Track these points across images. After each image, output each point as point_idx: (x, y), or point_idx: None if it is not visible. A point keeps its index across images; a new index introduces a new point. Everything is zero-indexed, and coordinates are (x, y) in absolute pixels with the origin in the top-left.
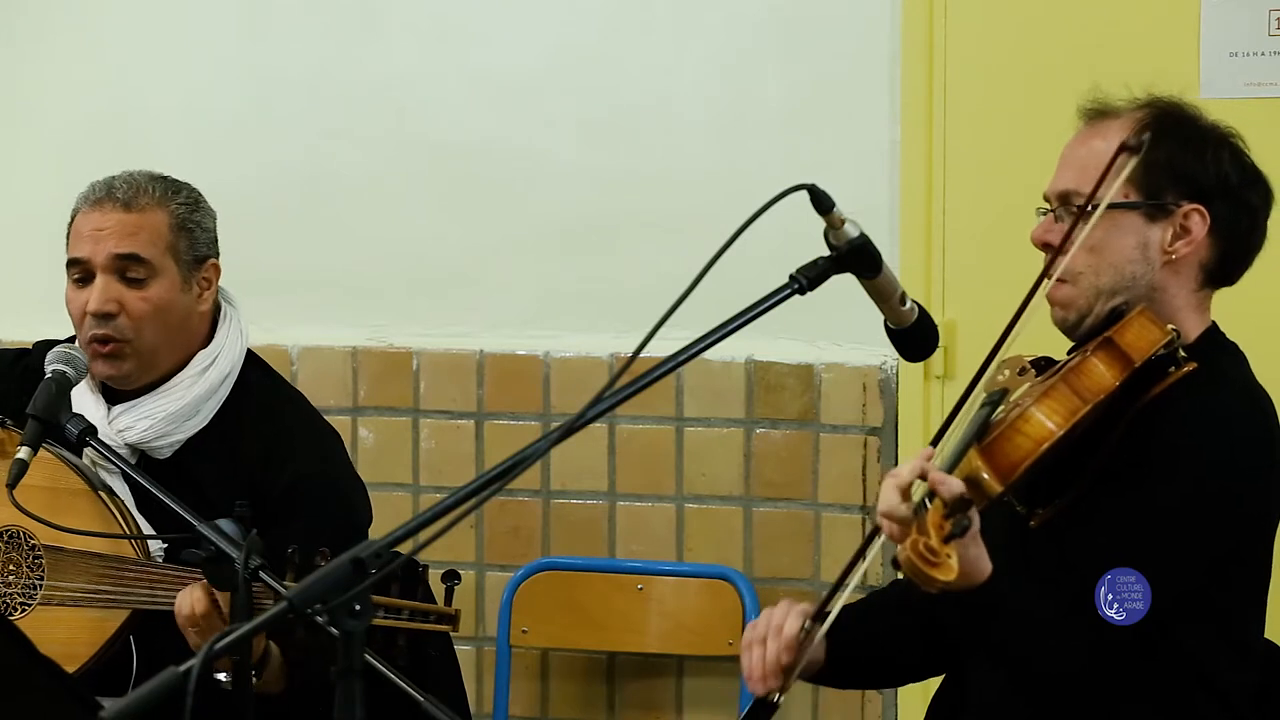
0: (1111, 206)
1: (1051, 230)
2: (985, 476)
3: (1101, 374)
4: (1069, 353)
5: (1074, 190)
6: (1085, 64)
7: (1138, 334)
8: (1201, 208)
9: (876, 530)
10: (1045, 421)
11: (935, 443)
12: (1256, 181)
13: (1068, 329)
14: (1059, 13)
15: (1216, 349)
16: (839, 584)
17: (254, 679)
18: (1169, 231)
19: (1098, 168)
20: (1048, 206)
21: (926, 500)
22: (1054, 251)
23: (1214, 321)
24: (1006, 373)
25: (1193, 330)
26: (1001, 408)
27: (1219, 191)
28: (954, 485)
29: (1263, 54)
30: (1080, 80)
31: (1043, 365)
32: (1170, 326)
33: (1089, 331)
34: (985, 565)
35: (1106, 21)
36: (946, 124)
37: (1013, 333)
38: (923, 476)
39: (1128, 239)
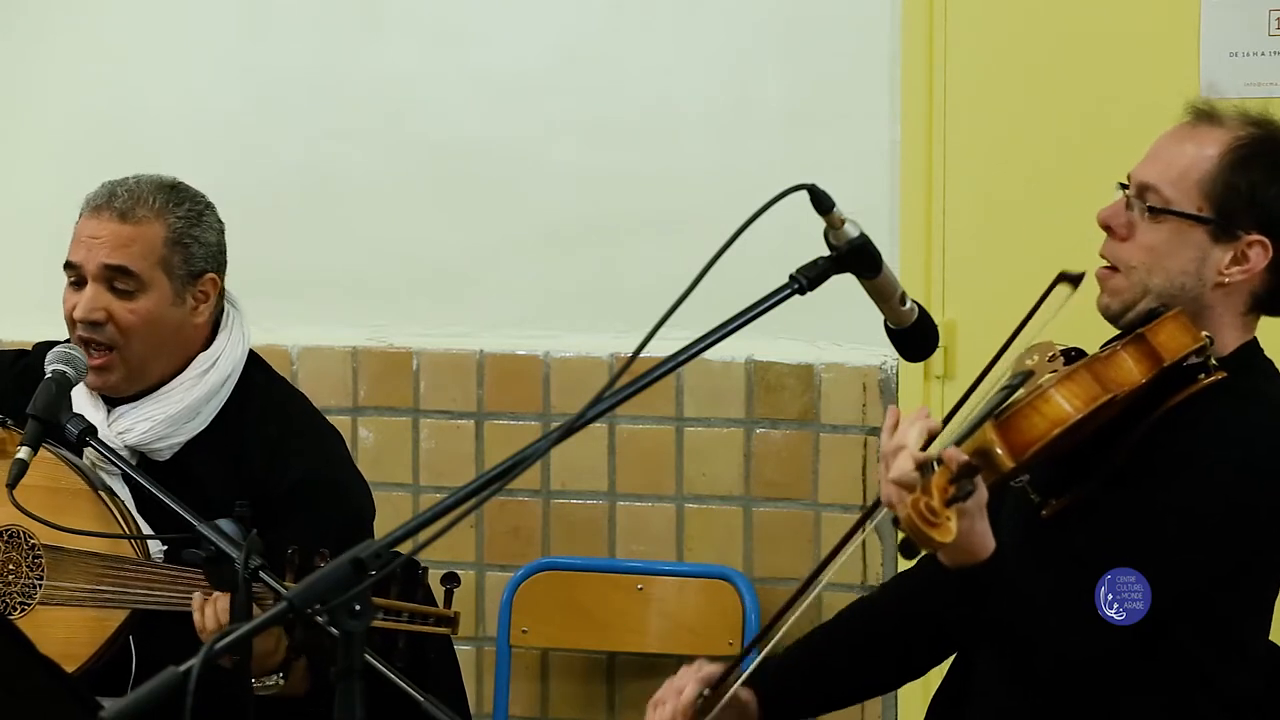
0: (1183, 216)
1: (1119, 215)
2: (998, 450)
3: (1129, 368)
4: (1103, 346)
5: (1152, 185)
6: (1085, 64)
7: (1170, 335)
8: (1267, 240)
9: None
10: (1063, 403)
11: (950, 417)
12: None
13: (1110, 317)
14: (1059, 13)
15: (1252, 363)
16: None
17: (280, 681)
18: (1229, 255)
19: (1181, 170)
20: (1126, 183)
21: (934, 463)
22: (1113, 236)
23: (1255, 338)
24: (1035, 358)
25: (1231, 343)
26: (1024, 389)
27: None
28: (959, 455)
29: (1263, 54)
30: (1080, 80)
31: (1073, 355)
32: (1204, 334)
33: (1128, 326)
34: (989, 542)
35: (1106, 21)
36: (946, 124)
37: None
38: (931, 435)
39: (1188, 250)
